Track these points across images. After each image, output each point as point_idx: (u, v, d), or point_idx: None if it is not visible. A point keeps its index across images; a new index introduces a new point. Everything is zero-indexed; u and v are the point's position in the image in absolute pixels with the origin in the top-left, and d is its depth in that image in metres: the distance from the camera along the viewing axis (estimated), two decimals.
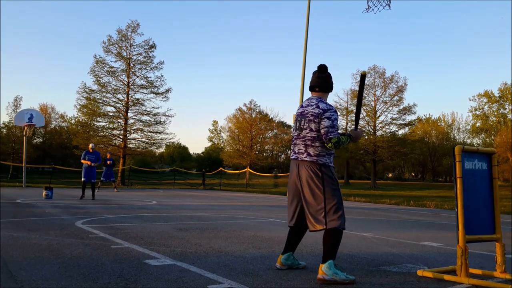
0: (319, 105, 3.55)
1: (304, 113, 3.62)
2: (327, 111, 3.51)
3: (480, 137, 58.40)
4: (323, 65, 3.70)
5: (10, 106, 47.81)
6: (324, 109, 3.51)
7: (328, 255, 3.35)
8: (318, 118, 3.50)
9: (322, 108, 3.52)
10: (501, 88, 54.14)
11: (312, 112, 3.54)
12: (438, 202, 16.25)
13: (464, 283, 3.35)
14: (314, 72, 3.73)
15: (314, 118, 3.52)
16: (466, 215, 3.51)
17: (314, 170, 3.49)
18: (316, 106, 3.55)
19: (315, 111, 3.53)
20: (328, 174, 3.51)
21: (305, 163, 3.53)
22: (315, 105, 3.57)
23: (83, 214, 8.16)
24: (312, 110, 3.55)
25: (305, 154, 3.53)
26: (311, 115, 3.54)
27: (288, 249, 3.76)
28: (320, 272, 3.31)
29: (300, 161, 3.57)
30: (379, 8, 10.41)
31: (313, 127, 3.52)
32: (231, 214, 9.30)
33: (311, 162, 3.51)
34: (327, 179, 3.49)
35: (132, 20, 33.09)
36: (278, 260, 3.75)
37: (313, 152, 3.52)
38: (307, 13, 21.15)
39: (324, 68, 3.70)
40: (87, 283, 3.08)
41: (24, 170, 21.85)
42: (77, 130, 36.55)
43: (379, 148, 42.49)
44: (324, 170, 3.50)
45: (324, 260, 3.35)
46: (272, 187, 29.57)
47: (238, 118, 52.86)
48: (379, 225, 7.84)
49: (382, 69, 43.82)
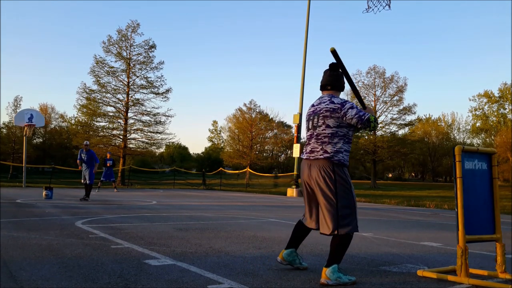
0: (333, 101, 3.43)
1: (316, 110, 3.50)
2: (346, 102, 3.41)
3: (480, 137, 58.43)
4: (334, 63, 3.58)
5: (10, 106, 47.85)
6: (340, 103, 3.41)
7: (333, 259, 3.26)
8: (336, 112, 3.37)
9: (338, 102, 3.41)
10: (501, 88, 54.20)
11: (326, 108, 3.42)
12: (438, 202, 16.25)
13: (464, 283, 3.35)
14: (325, 71, 3.64)
15: (331, 113, 3.39)
16: (466, 215, 3.51)
17: (327, 171, 3.34)
18: (330, 102, 3.43)
19: (330, 106, 3.40)
20: (341, 175, 3.35)
21: (317, 163, 3.38)
22: (328, 101, 3.45)
23: (83, 214, 8.16)
24: (326, 106, 3.43)
25: (321, 152, 3.38)
26: (325, 111, 3.42)
27: (292, 245, 3.72)
28: (324, 276, 3.21)
29: (312, 160, 3.43)
30: (379, 8, 10.42)
31: (330, 123, 3.39)
32: (231, 214, 9.29)
33: (325, 161, 3.35)
34: (339, 180, 3.34)
35: (132, 20, 33.09)
36: (280, 255, 3.72)
37: (331, 149, 3.37)
38: (307, 13, 21.13)
39: (335, 67, 3.59)
40: (87, 283, 3.08)
41: (24, 170, 21.84)
42: (77, 130, 36.55)
43: (379, 148, 42.49)
44: (337, 171, 3.35)
45: (329, 264, 3.24)
46: (272, 187, 29.55)
47: (238, 118, 52.87)
48: (379, 225, 7.84)
49: (382, 69, 43.86)
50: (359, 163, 59.91)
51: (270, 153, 64.04)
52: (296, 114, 20.79)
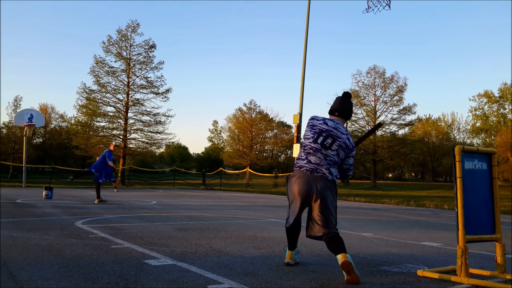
0: (349, 139, 3.78)
1: (332, 134, 3.71)
2: (354, 149, 3.81)
3: (480, 137, 58.43)
4: (347, 92, 3.92)
5: (10, 106, 47.88)
6: (354, 146, 3.81)
7: (345, 249, 3.48)
8: (349, 150, 3.76)
9: (352, 144, 3.78)
10: (501, 88, 54.20)
11: (345, 142, 3.72)
12: (438, 202, 16.25)
13: (464, 283, 3.35)
14: (337, 97, 3.92)
15: (346, 148, 3.73)
16: (466, 215, 3.51)
17: (331, 186, 3.71)
18: (347, 138, 3.75)
19: (348, 143, 3.74)
20: (336, 190, 3.81)
21: (324, 182, 3.67)
22: (346, 135, 3.75)
23: (83, 214, 8.16)
24: (346, 140, 3.73)
25: (327, 172, 3.68)
26: (343, 143, 3.71)
27: (293, 245, 3.96)
28: (346, 257, 3.34)
29: (319, 177, 3.67)
30: (379, 8, 10.43)
31: (341, 155, 3.73)
32: (231, 214, 9.30)
33: (331, 183, 3.72)
34: (336, 195, 3.78)
35: (132, 20, 33.14)
36: (289, 256, 3.93)
37: (334, 172, 3.74)
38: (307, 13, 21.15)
39: (348, 95, 3.91)
40: (87, 283, 3.08)
41: (24, 170, 21.85)
42: (77, 130, 36.60)
43: (379, 148, 42.49)
44: (335, 187, 3.79)
45: (346, 251, 3.44)
46: (272, 187, 29.56)
47: (238, 118, 52.88)
48: (379, 225, 7.84)
49: (382, 69, 43.86)
50: (359, 163, 59.89)
51: (270, 153, 64.06)
52: (296, 114, 20.76)
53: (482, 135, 58.05)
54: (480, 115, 56.64)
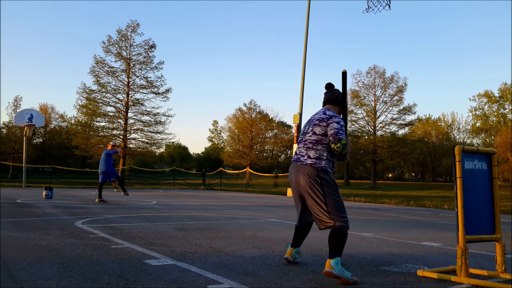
0: (325, 112, 3.70)
1: (310, 119, 3.81)
2: (335, 116, 3.63)
3: (480, 137, 58.41)
4: (328, 83, 3.95)
5: (10, 106, 47.83)
6: (330, 115, 3.64)
7: (335, 253, 3.37)
8: (323, 122, 3.60)
9: (329, 114, 3.66)
10: (501, 88, 54.19)
11: (317, 117, 3.69)
12: (438, 202, 16.24)
13: (464, 283, 3.35)
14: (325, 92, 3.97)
15: (319, 122, 3.63)
16: (466, 215, 3.51)
17: (313, 176, 3.54)
18: (322, 113, 3.71)
19: (321, 116, 3.67)
20: (326, 179, 3.55)
21: (303, 168, 3.59)
22: (321, 112, 3.74)
23: (83, 214, 8.16)
24: (318, 116, 3.71)
25: (306, 157, 3.61)
26: (316, 120, 3.68)
27: (297, 244, 3.96)
28: (328, 265, 3.31)
29: (299, 165, 3.63)
30: (379, 8, 10.43)
31: (317, 131, 3.62)
32: (231, 214, 9.29)
33: (310, 167, 3.55)
34: (326, 184, 3.53)
35: (132, 20, 33.17)
36: (289, 252, 3.93)
37: (313, 154, 3.58)
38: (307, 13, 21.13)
39: (329, 85, 3.94)
40: (87, 283, 3.08)
41: (24, 170, 21.84)
42: (77, 130, 36.59)
43: (379, 148, 42.49)
44: (322, 175, 3.54)
45: (331, 255, 3.36)
46: (272, 187, 29.56)
47: (238, 118, 52.88)
48: (379, 225, 7.83)
49: (382, 69, 43.88)
50: (359, 163, 59.93)
51: (270, 153, 64.06)
52: (296, 114, 20.77)
53: (482, 135, 58.04)
54: (480, 115, 56.64)
